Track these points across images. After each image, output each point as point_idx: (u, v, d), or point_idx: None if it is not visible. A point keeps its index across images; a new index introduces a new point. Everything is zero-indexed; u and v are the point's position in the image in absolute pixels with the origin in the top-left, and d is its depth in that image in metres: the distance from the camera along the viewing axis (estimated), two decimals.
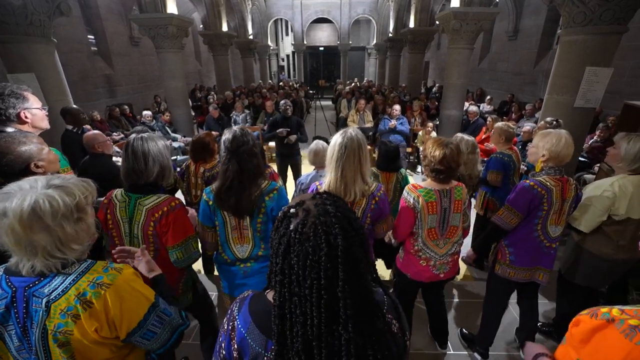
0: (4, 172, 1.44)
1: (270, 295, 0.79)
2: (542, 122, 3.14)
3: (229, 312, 0.82)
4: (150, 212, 1.47)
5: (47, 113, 1.96)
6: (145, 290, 1.00)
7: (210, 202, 1.62)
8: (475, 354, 2.28)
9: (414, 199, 1.79)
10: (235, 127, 1.62)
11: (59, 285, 0.87)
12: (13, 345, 0.89)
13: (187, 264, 1.59)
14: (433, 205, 1.79)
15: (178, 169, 2.69)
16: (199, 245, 1.67)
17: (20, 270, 0.86)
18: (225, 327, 0.79)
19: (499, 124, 2.95)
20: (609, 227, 1.91)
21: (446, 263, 1.91)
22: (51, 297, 0.86)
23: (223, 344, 0.78)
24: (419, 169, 6.44)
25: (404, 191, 1.86)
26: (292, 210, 0.71)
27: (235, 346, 0.76)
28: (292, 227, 0.68)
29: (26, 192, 0.81)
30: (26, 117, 1.82)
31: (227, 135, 1.58)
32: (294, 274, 0.66)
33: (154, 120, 6.59)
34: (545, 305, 2.72)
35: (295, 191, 2.63)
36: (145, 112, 6.57)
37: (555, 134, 1.79)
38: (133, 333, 0.95)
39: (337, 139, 1.61)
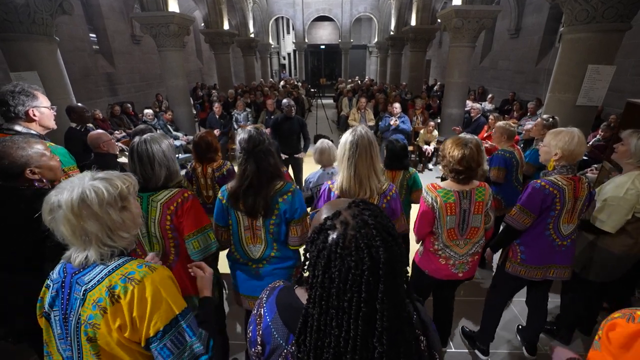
0: (3, 175, 1.41)
1: (298, 291, 0.80)
2: (539, 120, 3.14)
3: (260, 297, 0.86)
4: (165, 205, 1.46)
5: (55, 112, 1.97)
6: (173, 299, 0.94)
7: (224, 201, 1.61)
8: (476, 351, 2.29)
9: (432, 198, 1.76)
10: (249, 127, 1.61)
11: (97, 275, 0.89)
12: (56, 332, 0.94)
13: (204, 255, 1.54)
14: (451, 206, 1.74)
15: (184, 171, 2.64)
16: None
17: (73, 261, 0.91)
18: (255, 312, 0.83)
19: (500, 123, 2.96)
20: (630, 224, 1.90)
21: (465, 263, 1.88)
22: (89, 286, 0.88)
23: (251, 327, 0.83)
24: (419, 167, 6.44)
25: (423, 190, 1.84)
26: (328, 222, 0.68)
27: (260, 332, 0.79)
28: (331, 240, 0.66)
29: (75, 185, 0.89)
30: (34, 115, 1.82)
31: (242, 135, 1.57)
32: (334, 288, 0.64)
33: (156, 119, 6.60)
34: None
35: (303, 190, 2.62)
36: (146, 111, 6.58)
37: (568, 132, 1.75)
38: (151, 342, 0.90)
39: (347, 137, 1.60)
